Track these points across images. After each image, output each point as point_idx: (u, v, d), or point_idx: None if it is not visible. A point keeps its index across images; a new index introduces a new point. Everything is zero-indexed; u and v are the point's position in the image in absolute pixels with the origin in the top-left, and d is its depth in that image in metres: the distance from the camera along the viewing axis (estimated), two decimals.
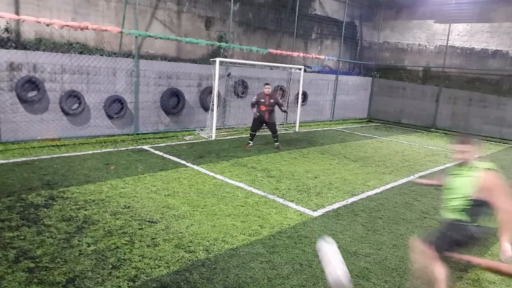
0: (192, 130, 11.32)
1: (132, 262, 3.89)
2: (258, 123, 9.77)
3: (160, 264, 3.88)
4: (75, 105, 8.95)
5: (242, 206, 5.64)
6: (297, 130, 13.34)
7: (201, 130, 11.31)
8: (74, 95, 8.85)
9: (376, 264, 4.25)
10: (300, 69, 13.35)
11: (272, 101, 9.54)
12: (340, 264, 3.05)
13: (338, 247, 4.53)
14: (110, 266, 3.77)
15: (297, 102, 13.71)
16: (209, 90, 11.41)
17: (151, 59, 10.62)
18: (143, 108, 10.24)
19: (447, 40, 16.06)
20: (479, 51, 15.58)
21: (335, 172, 8.03)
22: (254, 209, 5.54)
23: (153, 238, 4.42)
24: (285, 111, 10.52)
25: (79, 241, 4.22)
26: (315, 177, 7.50)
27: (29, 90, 8.24)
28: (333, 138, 12.41)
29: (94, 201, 5.41)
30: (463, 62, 16.03)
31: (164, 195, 5.83)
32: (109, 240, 4.29)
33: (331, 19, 17.05)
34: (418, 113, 16.84)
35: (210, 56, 12.23)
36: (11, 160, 7.07)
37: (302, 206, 5.85)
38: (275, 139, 9.96)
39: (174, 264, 3.90)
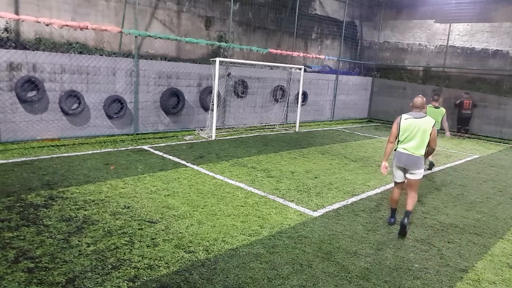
0: (192, 130, 11.31)
1: (131, 262, 3.88)
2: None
3: (160, 264, 3.87)
4: (75, 105, 8.94)
5: (242, 206, 5.64)
6: (297, 130, 13.34)
7: (201, 130, 11.30)
8: (73, 95, 8.84)
9: (376, 264, 4.24)
10: (300, 69, 13.34)
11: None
12: None
13: (338, 247, 4.54)
14: (110, 267, 3.76)
15: (297, 102, 13.70)
16: (209, 90, 11.40)
17: (151, 59, 10.61)
18: (142, 108, 10.23)
19: (448, 40, 16.05)
20: (480, 51, 15.58)
21: (335, 172, 8.02)
22: (254, 209, 5.53)
23: (153, 238, 4.41)
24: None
25: (78, 241, 4.22)
26: (315, 177, 7.50)
27: (29, 90, 8.23)
28: (333, 138, 12.41)
29: (93, 201, 5.40)
30: (463, 62, 16.02)
31: (164, 195, 5.82)
32: (109, 240, 4.28)
33: (331, 19, 17.04)
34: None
35: (210, 56, 12.23)
36: (10, 160, 7.06)
37: (302, 206, 5.84)
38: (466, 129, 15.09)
39: (174, 264, 3.89)
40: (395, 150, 5.24)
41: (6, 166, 6.68)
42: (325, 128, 14.60)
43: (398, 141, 5.15)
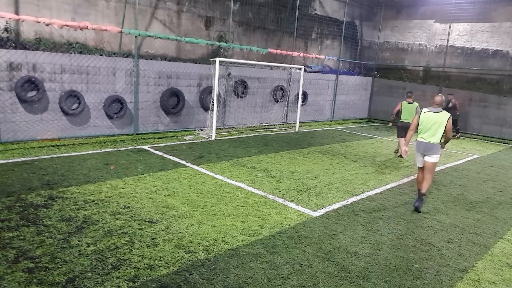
0: (192, 130, 11.31)
1: (131, 262, 3.88)
2: None
3: (160, 264, 3.87)
4: (75, 105, 8.94)
5: (242, 206, 5.64)
6: (297, 130, 13.34)
7: (201, 130, 11.30)
8: (73, 95, 8.84)
9: (376, 264, 4.24)
10: (300, 69, 13.34)
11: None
12: None
13: (338, 247, 4.54)
14: (110, 267, 3.76)
15: (297, 102, 13.70)
16: (209, 90, 11.40)
17: (151, 59, 10.61)
18: (142, 108, 10.23)
19: (448, 40, 16.06)
20: (480, 51, 15.57)
21: (335, 172, 8.02)
22: (254, 209, 5.53)
23: (153, 238, 4.41)
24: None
25: (78, 241, 4.21)
26: (315, 177, 7.49)
27: (29, 90, 8.23)
28: (333, 138, 12.40)
29: (93, 201, 5.40)
30: (463, 62, 16.02)
31: (164, 195, 5.82)
32: (109, 240, 4.28)
33: (331, 19, 17.04)
34: None
35: (210, 56, 12.23)
36: (10, 160, 7.06)
37: (302, 206, 5.84)
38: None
39: (174, 264, 3.89)
40: (416, 140, 6.30)
41: (6, 166, 6.68)
42: (325, 128, 14.60)
43: (418, 131, 6.22)
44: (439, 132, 5.95)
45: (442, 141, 6.07)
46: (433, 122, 5.97)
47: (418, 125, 6.16)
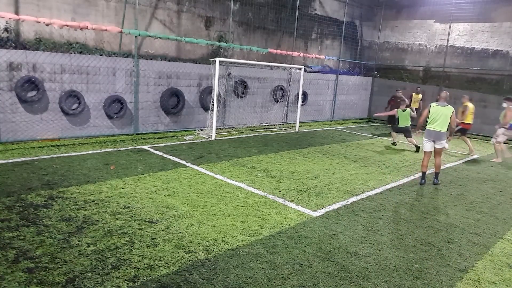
0: (192, 130, 11.31)
1: (131, 262, 3.88)
2: None
3: (160, 264, 3.87)
4: (75, 105, 8.94)
5: (242, 206, 5.64)
6: (297, 130, 13.34)
7: (201, 130, 11.30)
8: (73, 95, 8.85)
9: (376, 264, 4.24)
10: (300, 69, 13.34)
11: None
12: None
13: (338, 247, 4.54)
14: (110, 267, 3.76)
15: (297, 102, 13.70)
16: (209, 90, 11.40)
17: (151, 59, 10.61)
18: (142, 108, 10.23)
19: (448, 40, 16.06)
20: (480, 51, 15.57)
21: (335, 172, 8.02)
22: (254, 209, 5.53)
23: (153, 238, 4.41)
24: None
25: (78, 241, 4.21)
26: (315, 177, 7.49)
27: (29, 90, 8.24)
28: (333, 138, 12.40)
29: (93, 201, 5.40)
30: (463, 62, 16.02)
31: (164, 195, 5.82)
32: (109, 240, 4.28)
33: (331, 19, 17.04)
34: (418, 113, 16.81)
35: (210, 56, 12.23)
36: (10, 160, 7.06)
37: (302, 206, 5.84)
38: None
39: (174, 264, 3.89)
40: (424, 128, 7.64)
41: (6, 166, 6.68)
42: (325, 128, 14.60)
43: (428, 122, 7.52)
44: (447, 122, 7.31)
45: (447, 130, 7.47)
46: (441, 114, 7.31)
47: (428, 116, 7.49)
